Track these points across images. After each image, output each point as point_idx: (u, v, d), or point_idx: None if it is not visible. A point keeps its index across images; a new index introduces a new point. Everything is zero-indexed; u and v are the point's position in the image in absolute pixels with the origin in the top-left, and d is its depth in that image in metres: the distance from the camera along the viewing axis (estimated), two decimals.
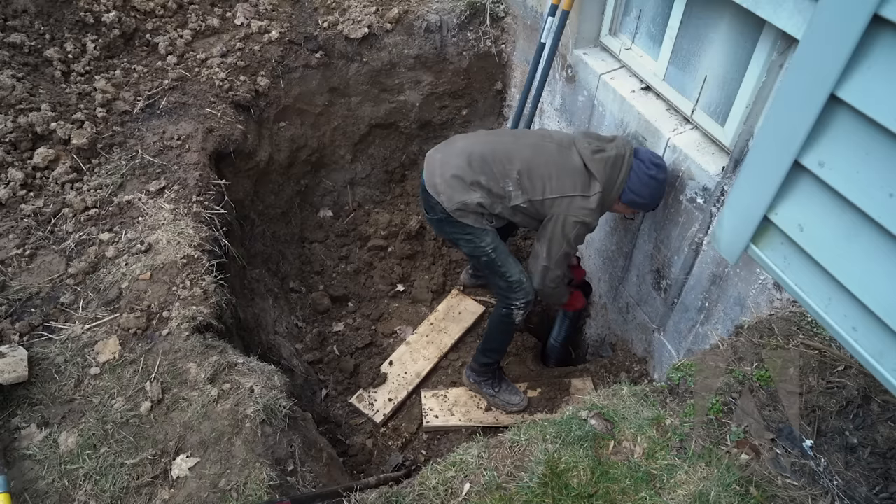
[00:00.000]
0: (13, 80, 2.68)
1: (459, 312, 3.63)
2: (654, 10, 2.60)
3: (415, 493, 1.76)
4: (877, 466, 1.63)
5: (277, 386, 2.03)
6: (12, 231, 2.34)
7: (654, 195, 2.44)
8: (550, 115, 3.55)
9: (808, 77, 1.05)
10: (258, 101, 3.30)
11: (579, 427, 1.85)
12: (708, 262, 2.42)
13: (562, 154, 2.45)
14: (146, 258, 2.31)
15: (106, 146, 2.71)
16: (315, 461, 2.10)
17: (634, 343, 3.24)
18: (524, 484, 1.72)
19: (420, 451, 3.07)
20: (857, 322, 1.11)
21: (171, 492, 1.74)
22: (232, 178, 2.98)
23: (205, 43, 3.32)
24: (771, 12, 1.79)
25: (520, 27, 3.64)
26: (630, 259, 3.05)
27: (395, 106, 3.95)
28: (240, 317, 2.64)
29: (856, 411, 1.73)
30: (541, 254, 2.55)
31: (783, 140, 1.13)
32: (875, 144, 0.98)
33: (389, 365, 3.37)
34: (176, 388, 1.96)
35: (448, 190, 2.46)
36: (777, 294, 2.09)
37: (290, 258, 3.76)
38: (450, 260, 3.97)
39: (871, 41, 0.94)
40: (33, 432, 1.85)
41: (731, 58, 2.21)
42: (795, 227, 1.18)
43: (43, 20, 2.99)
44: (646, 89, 2.72)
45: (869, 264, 1.05)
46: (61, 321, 2.12)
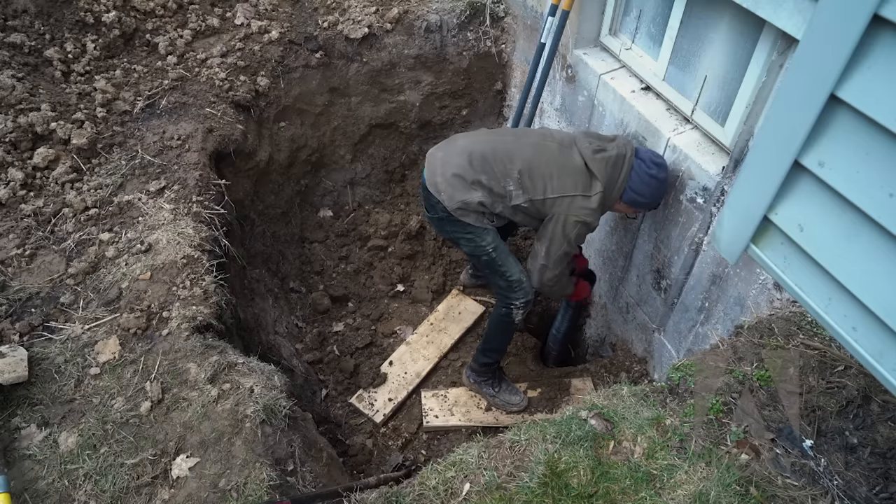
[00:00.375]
0: (13, 80, 2.68)
1: (459, 312, 3.63)
2: (654, 10, 2.60)
3: (415, 493, 1.76)
4: (877, 466, 1.63)
5: (277, 386, 2.03)
6: (12, 231, 2.34)
7: (655, 194, 2.44)
8: (550, 115, 3.55)
9: (808, 77, 1.05)
10: (258, 101, 3.30)
11: (579, 427, 1.85)
12: (708, 262, 2.42)
13: (563, 154, 2.45)
14: (146, 258, 2.31)
15: (106, 146, 2.71)
16: (315, 461, 2.10)
17: (634, 343, 3.24)
18: (524, 484, 1.72)
19: (420, 451, 3.07)
20: (857, 322, 1.11)
21: (171, 492, 1.74)
22: (232, 178, 2.98)
23: (205, 43, 3.32)
24: (771, 12, 1.79)
25: (520, 27, 3.64)
26: (630, 259, 3.05)
27: (395, 106, 3.95)
28: (240, 317, 2.64)
29: (856, 411, 1.73)
30: (540, 253, 2.55)
31: (783, 140, 1.13)
32: (875, 144, 0.98)
33: (389, 365, 3.37)
34: (176, 388, 1.96)
35: (449, 189, 2.46)
36: (777, 294, 2.09)
37: (290, 258, 3.76)
38: (450, 260, 3.97)
39: (871, 41, 0.94)
40: (33, 432, 1.85)
41: (731, 58, 2.21)
42: (795, 227, 1.18)
43: (43, 20, 2.99)
44: (646, 89, 2.72)
45: (869, 264, 1.05)
46: (61, 321, 2.12)
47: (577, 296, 3.12)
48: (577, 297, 3.16)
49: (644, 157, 2.41)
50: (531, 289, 2.66)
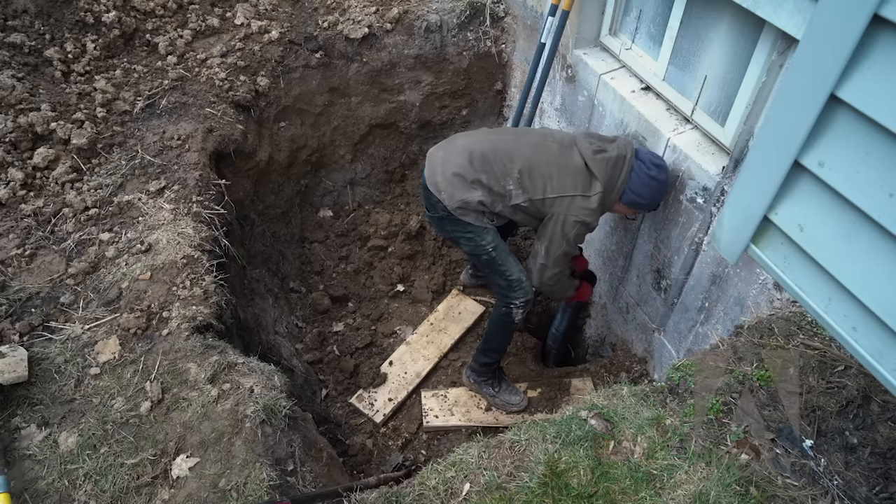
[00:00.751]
0: (13, 80, 2.68)
1: (459, 312, 3.63)
2: (654, 10, 2.60)
3: (415, 493, 1.76)
4: (877, 466, 1.63)
5: (277, 386, 2.03)
6: (12, 231, 2.34)
7: (654, 196, 2.44)
8: (550, 115, 3.55)
9: (808, 77, 1.05)
10: (258, 101, 3.30)
11: (579, 427, 1.85)
12: (708, 262, 2.42)
13: (563, 154, 2.45)
14: (146, 258, 2.31)
15: (106, 146, 2.71)
16: (315, 461, 2.10)
17: (634, 343, 3.24)
18: (524, 484, 1.72)
19: (420, 451, 3.07)
20: (857, 322, 1.11)
21: (171, 492, 1.74)
22: (232, 178, 2.98)
23: (205, 43, 3.32)
24: (771, 12, 1.79)
25: (520, 27, 3.64)
26: (630, 259, 3.05)
27: (395, 106, 3.95)
28: (240, 317, 2.64)
29: (856, 411, 1.73)
30: (539, 252, 2.55)
31: (783, 140, 1.13)
32: (875, 144, 0.98)
33: (389, 365, 3.37)
34: (176, 388, 1.96)
35: (449, 188, 2.47)
36: (777, 294, 2.09)
37: (290, 258, 3.76)
38: (450, 260, 3.97)
39: (871, 41, 0.94)
40: (33, 432, 1.85)
41: (731, 58, 2.21)
42: (795, 227, 1.18)
43: (43, 20, 2.99)
44: (646, 89, 2.72)
45: (869, 264, 1.05)
46: (61, 321, 2.12)
47: (578, 297, 3.12)
48: (578, 299, 3.16)
49: (644, 158, 2.41)
50: (531, 288, 2.66)
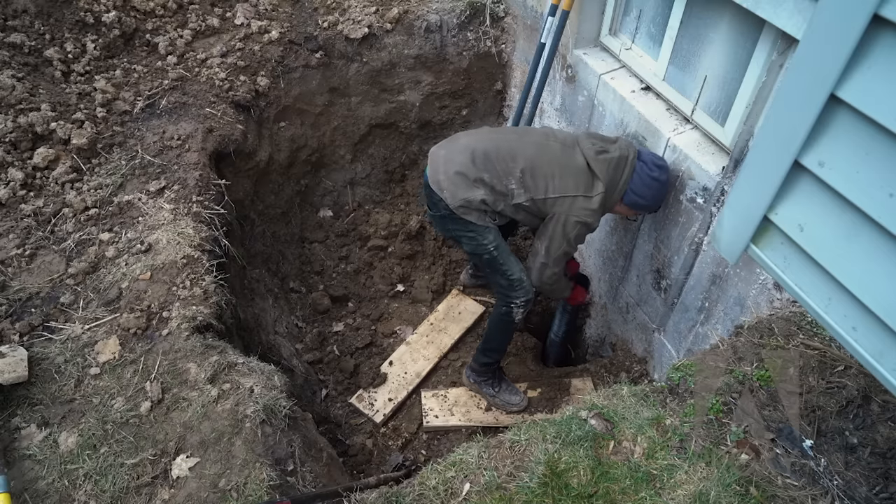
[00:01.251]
0: (13, 80, 2.68)
1: (459, 312, 3.63)
2: (654, 10, 2.60)
3: (415, 493, 1.76)
4: (877, 466, 1.63)
5: (277, 386, 2.03)
6: (12, 231, 2.34)
7: (656, 197, 2.44)
8: (550, 115, 3.55)
9: (808, 77, 1.05)
10: (258, 101, 3.30)
11: (579, 427, 1.85)
12: (708, 262, 2.42)
13: (565, 154, 2.45)
14: (146, 258, 2.31)
15: (106, 146, 2.71)
16: (315, 461, 2.10)
17: (634, 343, 3.24)
18: (524, 484, 1.72)
19: (420, 451, 3.07)
20: (857, 322, 1.11)
21: (171, 492, 1.74)
22: (232, 178, 2.98)
23: (205, 43, 3.32)
24: (771, 12, 1.79)
25: (520, 27, 3.64)
26: (630, 259, 3.05)
27: (395, 106, 3.95)
28: (240, 317, 2.64)
29: (856, 411, 1.73)
30: (540, 251, 2.55)
31: (783, 140, 1.13)
32: (875, 144, 0.98)
33: (389, 365, 3.37)
34: (176, 388, 1.96)
35: (451, 187, 2.46)
36: (777, 294, 2.09)
37: (290, 258, 3.76)
38: (450, 260, 3.97)
39: (871, 41, 0.94)
40: (33, 432, 1.85)
41: (731, 58, 2.21)
42: (795, 227, 1.18)
43: (43, 20, 2.98)
44: (646, 89, 2.72)
45: (869, 264, 1.05)
46: (61, 321, 2.12)
47: (573, 299, 3.12)
48: (574, 301, 3.17)
49: (646, 159, 2.41)
50: (531, 288, 2.67)
